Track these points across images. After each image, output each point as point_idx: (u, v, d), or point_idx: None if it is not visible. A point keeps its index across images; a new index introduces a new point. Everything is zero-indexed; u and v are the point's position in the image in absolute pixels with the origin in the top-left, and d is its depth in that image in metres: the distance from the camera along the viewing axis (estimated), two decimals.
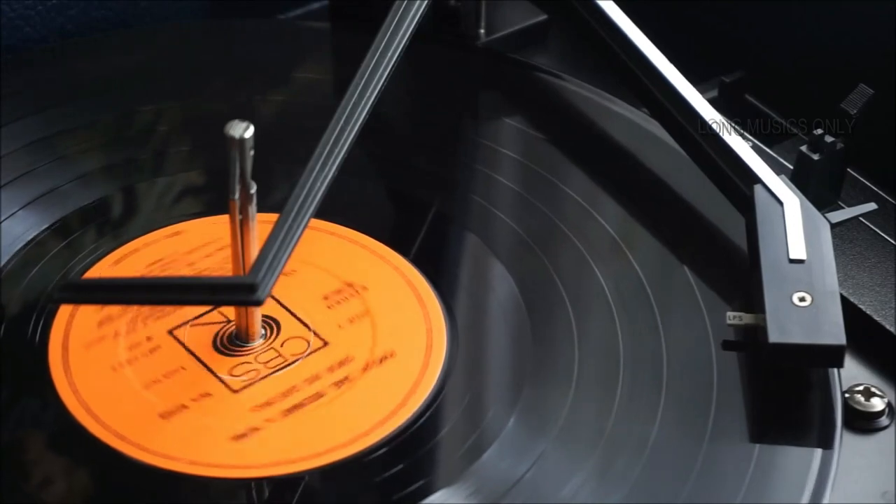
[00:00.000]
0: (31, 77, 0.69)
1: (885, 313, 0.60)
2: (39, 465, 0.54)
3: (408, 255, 0.61)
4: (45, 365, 0.56)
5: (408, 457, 0.54)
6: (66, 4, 0.73)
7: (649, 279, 0.60)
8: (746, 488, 0.53)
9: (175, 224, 0.62)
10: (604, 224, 0.63)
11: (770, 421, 0.55)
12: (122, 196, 0.64)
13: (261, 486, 0.53)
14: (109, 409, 0.55)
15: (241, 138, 0.53)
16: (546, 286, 0.60)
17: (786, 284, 0.56)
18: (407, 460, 0.54)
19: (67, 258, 0.61)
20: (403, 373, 0.57)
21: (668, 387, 0.56)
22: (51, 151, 0.65)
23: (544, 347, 0.58)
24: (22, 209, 0.62)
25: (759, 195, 0.59)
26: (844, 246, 0.63)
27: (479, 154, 0.66)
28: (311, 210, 0.55)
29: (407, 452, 0.54)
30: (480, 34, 0.73)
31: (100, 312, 0.58)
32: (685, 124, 0.63)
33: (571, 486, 0.53)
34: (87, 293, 0.54)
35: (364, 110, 0.58)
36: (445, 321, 0.59)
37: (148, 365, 0.56)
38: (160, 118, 0.67)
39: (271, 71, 0.70)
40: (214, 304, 0.58)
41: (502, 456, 0.54)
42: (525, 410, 0.56)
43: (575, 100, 0.69)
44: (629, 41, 0.65)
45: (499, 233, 0.63)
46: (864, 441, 0.57)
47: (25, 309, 0.58)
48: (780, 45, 0.73)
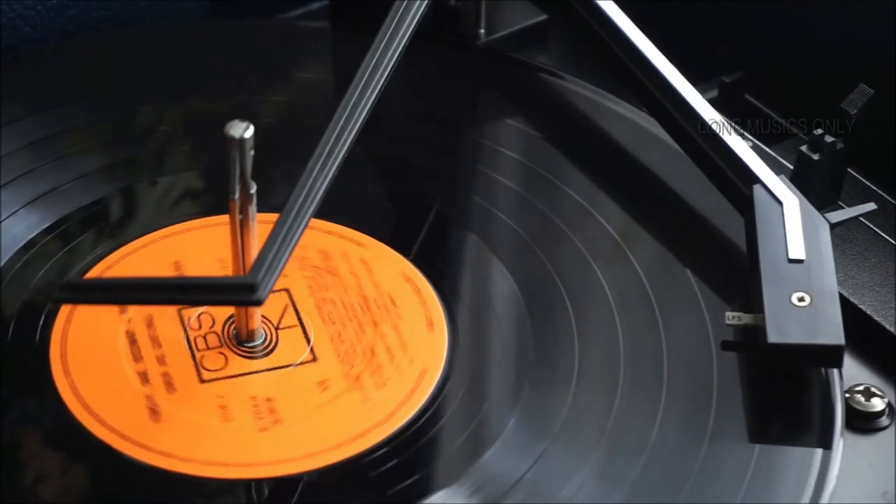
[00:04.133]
0: (31, 77, 0.69)
1: (885, 313, 0.60)
2: (39, 464, 0.54)
3: (408, 255, 0.61)
4: (46, 365, 0.56)
5: (408, 457, 0.54)
6: (66, 4, 0.73)
7: (649, 279, 0.60)
8: (746, 488, 0.53)
9: (175, 224, 0.62)
10: (604, 224, 0.63)
11: (770, 421, 0.55)
12: (122, 196, 0.64)
13: (261, 486, 0.53)
14: (110, 409, 0.55)
15: (241, 138, 0.53)
16: (546, 286, 0.60)
17: (785, 284, 0.56)
18: (407, 460, 0.54)
19: (67, 258, 0.61)
20: (404, 373, 0.57)
21: (668, 387, 0.56)
22: (51, 151, 0.65)
23: (544, 347, 0.58)
24: (22, 209, 0.62)
25: (759, 195, 0.59)
26: (844, 246, 0.63)
27: (479, 154, 0.66)
28: (311, 210, 0.55)
29: (407, 452, 0.54)
30: (480, 34, 0.73)
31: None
32: (685, 124, 0.63)
33: (571, 486, 0.53)
34: (87, 293, 0.54)
35: (364, 110, 0.58)
36: (446, 321, 0.59)
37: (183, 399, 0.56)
38: (160, 118, 0.67)
39: (271, 71, 0.70)
40: (214, 304, 0.58)
41: (502, 456, 0.54)
42: (525, 410, 0.56)
43: (575, 100, 0.69)
44: (629, 41, 0.65)
45: (499, 233, 0.63)
46: (864, 441, 0.57)
47: (25, 309, 0.58)
48: (780, 45, 0.73)
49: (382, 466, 0.54)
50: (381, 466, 0.54)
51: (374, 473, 0.54)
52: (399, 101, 0.68)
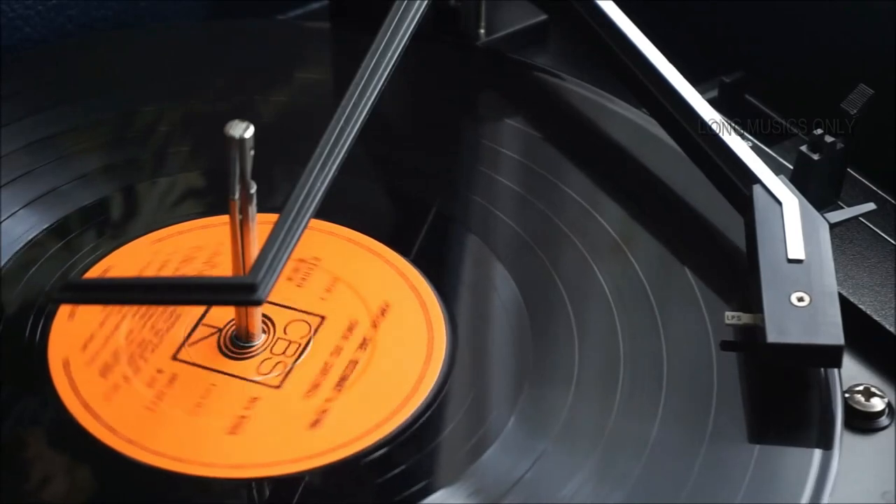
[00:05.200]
0: (31, 77, 0.69)
1: (885, 313, 0.60)
2: (39, 465, 0.54)
3: (408, 255, 0.61)
4: (46, 365, 0.56)
5: (408, 457, 0.54)
6: (66, 4, 0.73)
7: (649, 279, 0.60)
8: (746, 488, 0.53)
9: (175, 224, 0.62)
10: (604, 224, 0.63)
11: (770, 421, 0.55)
12: (122, 196, 0.64)
13: (261, 486, 0.53)
14: (109, 409, 0.55)
15: (241, 138, 0.53)
16: (546, 286, 0.60)
17: (784, 284, 0.56)
18: (407, 460, 0.54)
19: (67, 258, 0.61)
20: (404, 373, 0.57)
21: (668, 387, 0.56)
22: (51, 151, 0.65)
23: (544, 347, 0.58)
24: (22, 209, 0.62)
25: (758, 195, 0.59)
26: (844, 246, 0.63)
27: (479, 154, 0.66)
28: (311, 210, 0.55)
29: (407, 452, 0.54)
30: (480, 34, 0.73)
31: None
32: (684, 124, 0.63)
33: (571, 486, 0.53)
34: (87, 293, 0.54)
35: (364, 110, 0.58)
36: (445, 321, 0.59)
37: (177, 395, 0.56)
38: (160, 118, 0.67)
39: (271, 71, 0.70)
40: (214, 304, 0.58)
41: (502, 456, 0.54)
42: (525, 410, 0.56)
43: (575, 100, 0.69)
44: (629, 41, 0.65)
45: (499, 233, 0.63)
46: (864, 441, 0.57)
47: (25, 309, 0.58)
48: (780, 45, 0.73)
49: (382, 467, 0.54)
50: (380, 467, 0.54)
51: (374, 473, 0.54)
52: (399, 101, 0.68)
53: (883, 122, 0.67)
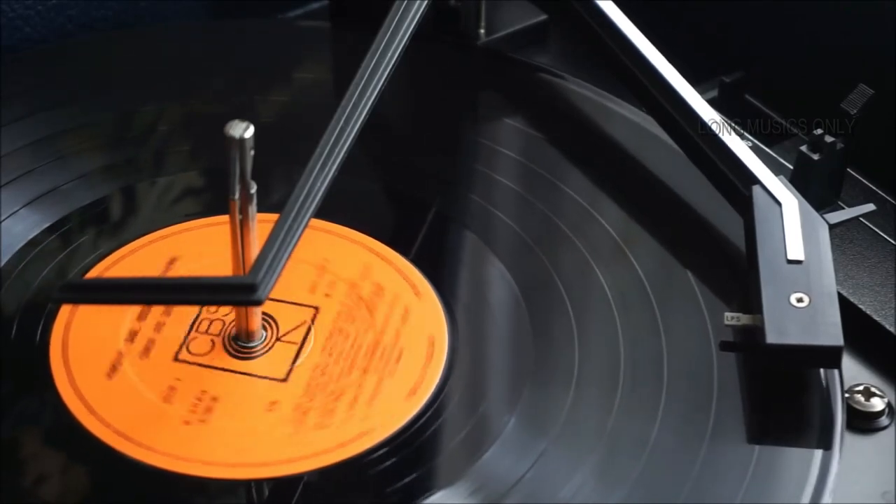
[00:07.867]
0: (31, 77, 0.69)
1: (885, 313, 0.60)
2: (40, 464, 0.54)
3: (408, 255, 0.61)
4: (46, 365, 0.56)
5: (408, 457, 0.54)
6: (66, 4, 0.73)
7: (649, 279, 0.60)
8: (746, 488, 0.53)
9: (175, 224, 0.62)
10: (604, 224, 0.63)
11: (770, 421, 0.55)
12: (122, 196, 0.64)
13: (261, 486, 0.53)
14: (110, 409, 0.55)
15: (241, 138, 0.53)
16: (546, 286, 0.60)
17: (784, 285, 0.56)
18: (407, 460, 0.54)
19: (67, 258, 0.61)
20: (404, 373, 0.57)
21: (669, 387, 0.56)
22: (51, 151, 0.65)
23: (544, 347, 0.58)
24: (22, 209, 0.62)
25: (758, 196, 0.59)
26: (844, 246, 0.63)
27: (479, 154, 0.66)
28: (311, 210, 0.55)
29: (407, 452, 0.54)
30: (480, 34, 0.73)
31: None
32: (684, 125, 0.63)
33: (571, 486, 0.53)
34: (87, 293, 0.54)
35: (364, 110, 0.58)
36: (446, 321, 0.59)
37: (177, 395, 0.56)
38: (160, 118, 0.67)
39: (271, 71, 0.70)
40: (215, 304, 0.58)
41: (502, 456, 0.54)
42: (525, 410, 0.56)
43: (575, 100, 0.69)
44: (629, 41, 0.65)
45: (499, 233, 0.63)
46: (864, 441, 0.57)
47: (26, 309, 0.59)
48: (780, 45, 0.73)
49: (382, 466, 0.54)
50: (381, 466, 0.54)
51: (374, 473, 0.54)
52: (399, 101, 0.68)
53: (883, 122, 0.67)
